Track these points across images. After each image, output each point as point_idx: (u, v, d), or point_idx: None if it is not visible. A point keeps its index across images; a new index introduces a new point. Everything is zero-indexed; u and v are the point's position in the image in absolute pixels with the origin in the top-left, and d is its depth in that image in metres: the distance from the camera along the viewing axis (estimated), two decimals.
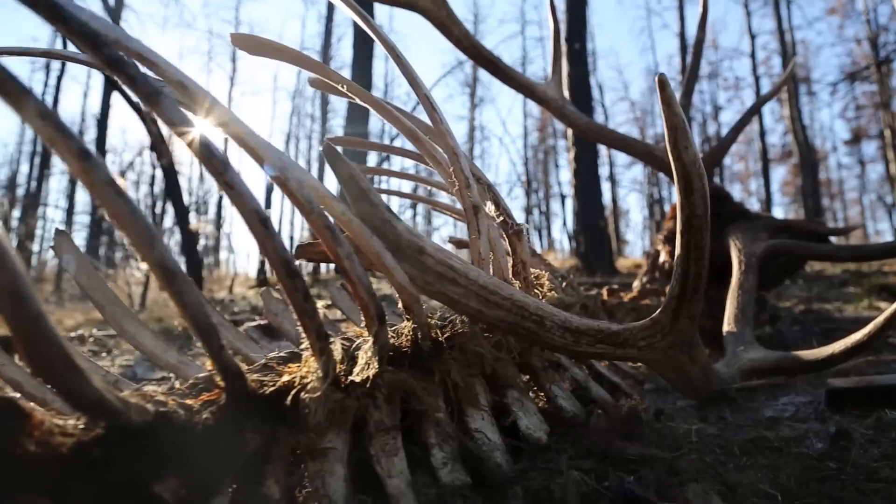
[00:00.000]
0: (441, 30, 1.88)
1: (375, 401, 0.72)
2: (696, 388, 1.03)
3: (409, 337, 0.77)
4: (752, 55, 19.89)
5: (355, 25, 9.28)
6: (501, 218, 0.97)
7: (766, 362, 1.20)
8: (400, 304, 0.76)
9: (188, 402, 0.61)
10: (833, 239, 2.18)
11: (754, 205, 23.31)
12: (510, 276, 0.91)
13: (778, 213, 26.68)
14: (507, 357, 0.89)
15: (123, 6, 18.42)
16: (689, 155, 0.62)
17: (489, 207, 1.00)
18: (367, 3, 1.67)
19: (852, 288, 3.36)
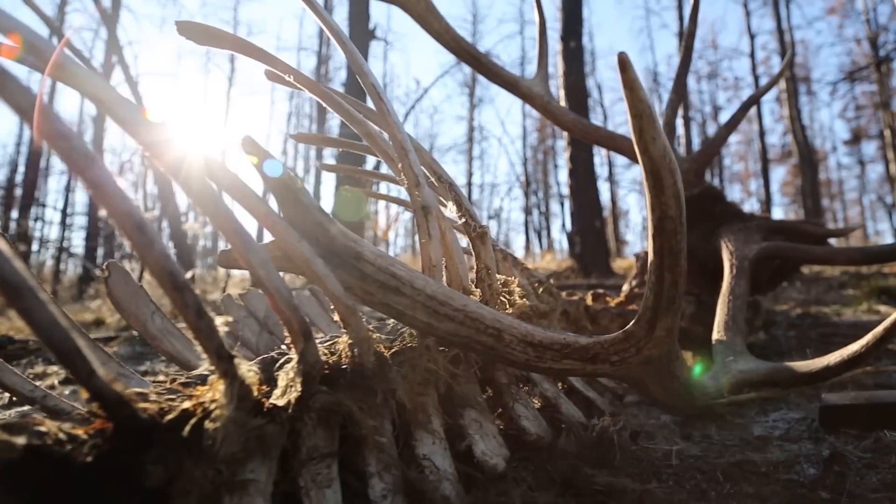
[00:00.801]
0: (420, 23, 1.80)
1: (307, 426, 0.64)
2: (678, 406, 0.95)
3: (347, 353, 0.69)
4: (752, 55, 19.81)
5: (350, 25, 9.20)
6: (464, 219, 0.89)
7: (756, 374, 1.12)
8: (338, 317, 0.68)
9: (77, 431, 0.53)
10: (833, 240, 2.10)
11: (754, 205, 23.23)
12: (469, 283, 0.83)
13: (778, 213, 26.62)
14: (465, 373, 0.80)
15: (120, 6, 18.35)
16: (657, 147, 0.54)
17: (450, 207, 0.92)
18: None
19: (851, 290, 3.28)
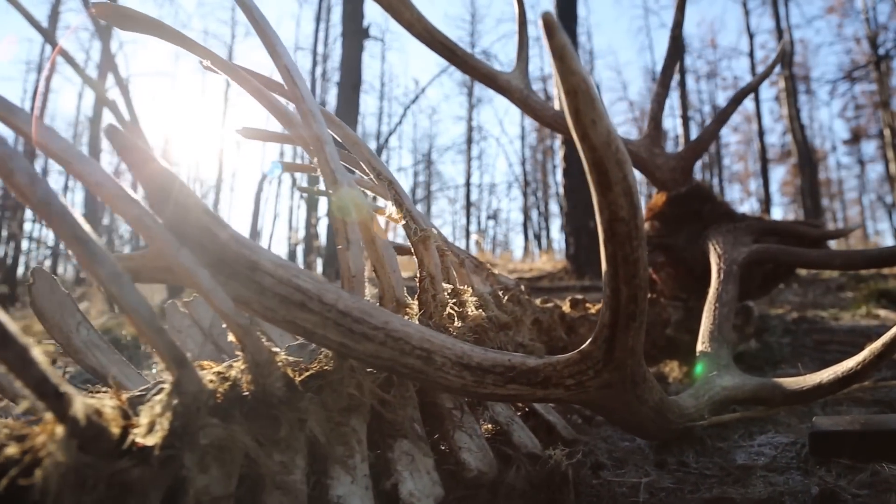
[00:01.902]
0: (390, 12, 1.69)
1: (193, 465, 0.53)
2: (650, 432, 0.84)
3: (246, 379, 0.58)
4: (751, 54, 19.68)
5: (344, 24, 9.10)
6: (404, 222, 0.79)
7: (742, 391, 1.01)
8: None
9: None
10: (833, 242, 1.99)
11: (754, 205, 23.13)
12: (404, 295, 0.72)
13: (777, 213, 26.51)
14: (400, 397, 0.70)
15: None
16: (598, 132, 0.43)
17: (389, 208, 0.81)
18: None
19: (850, 293, 3.17)
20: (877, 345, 0.81)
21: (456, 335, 0.80)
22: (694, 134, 21.54)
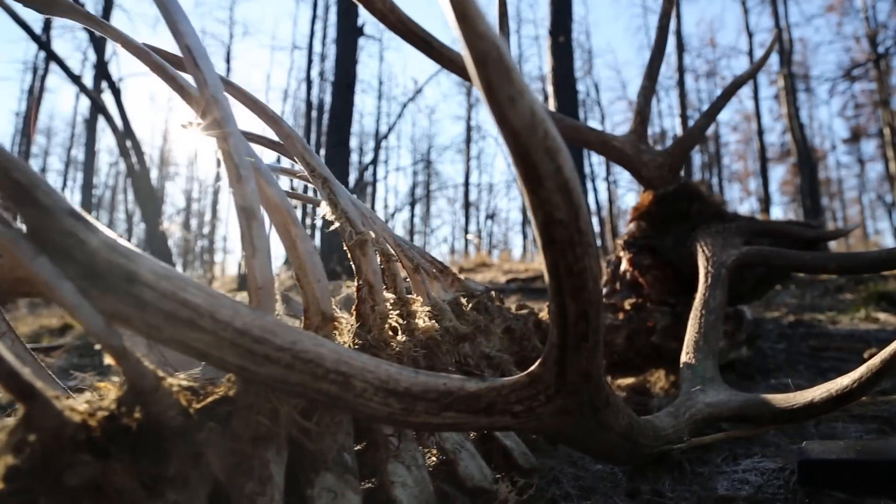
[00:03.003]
0: (361, 2, 1.61)
1: None
2: (619, 459, 0.75)
3: (130, 408, 0.49)
4: (750, 53, 19.58)
5: (338, 22, 9.01)
6: (338, 223, 0.70)
7: (727, 408, 0.93)
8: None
9: None
10: (833, 242, 1.90)
11: (754, 204, 23.04)
12: (332, 308, 0.63)
13: (777, 212, 26.43)
14: (326, 423, 0.61)
15: (113, 5, 18.14)
16: (518, 112, 0.34)
17: (324, 208, 0.72)
18: None
19: (849, 295, 3.08)
20: (875, 361, 0.72)
21: (400, 350, 0.71)
22: None
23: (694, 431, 0.89)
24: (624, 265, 1.66)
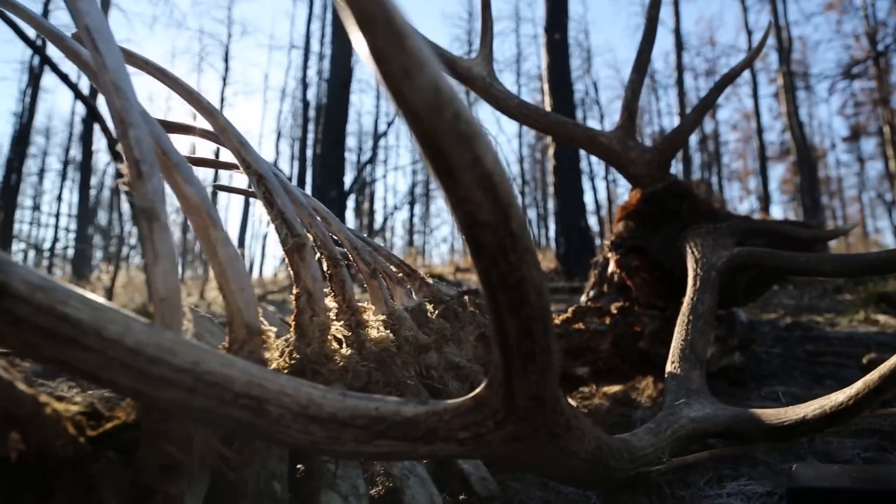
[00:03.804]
0: None
1: None
2: (587, 484, 0.68)
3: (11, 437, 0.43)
4: (749, 51, 19.45)
5: (334, 18, 8.93)
6: (274, 224, 0.63)
7: (714, 423, 0.86)
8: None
9: None
10: (832, 242, 1.83)
11: (753, 203, 22.97)
12: (258, 320, 0.56)
13: (777, 211, 26.35)
14: (251, 451, 0.54)
15: (110, 5, 18.03)
16: (418, 88, 0.27)
17: (259, 209, 0.65)
18: None
19: (848, 295, 3.01)
20: (873, 377, 0.65)
21: (344, 365, 0.64)
22: (693, 133, 21.33)
23: (676, 449, 0.82)
24: (611, 267, 1.59)
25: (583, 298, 1.74)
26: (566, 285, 4.64)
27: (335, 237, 0.80)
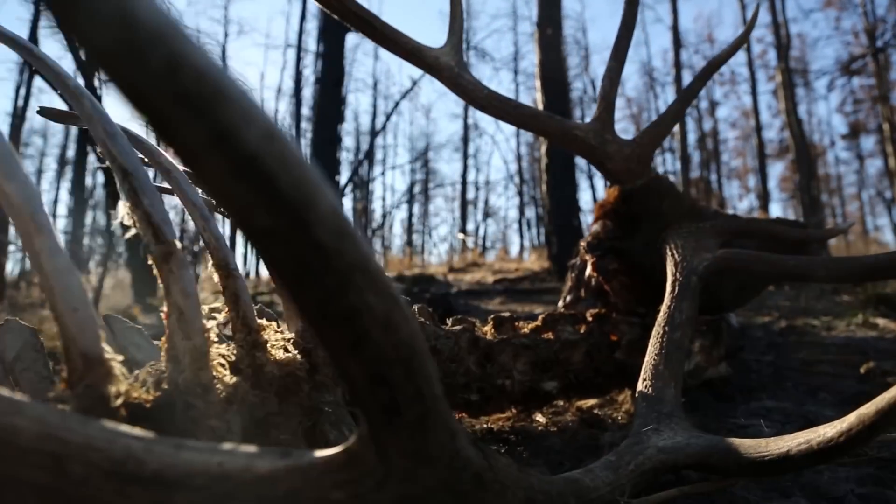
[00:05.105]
0: None
1: None
2: None
3: None
4: (748, 49, 19.34)
5: (325, 16, 8.80)
6: (139, 228, 0.52)
7: (685, 454, 0.75)
8: None
9: None
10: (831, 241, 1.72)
11: (753, 201, 22.86)
12: (101, 347, 0.45)
13: (776, 209, 26.24)
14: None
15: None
16: (95, 14, 0.16)
17: (122, 208, 0.54)
18: None
19: (846, 296, 2.90)
20: (868, 410, 0.54)
21: (228, 397, 0.53)
22: (690, 129, 21.25)
23: (641, 485, 0.71)
24: (588, 270, 1.48)
25: (560, 304, 1.63)
26: (559, 286, 4.54)
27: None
